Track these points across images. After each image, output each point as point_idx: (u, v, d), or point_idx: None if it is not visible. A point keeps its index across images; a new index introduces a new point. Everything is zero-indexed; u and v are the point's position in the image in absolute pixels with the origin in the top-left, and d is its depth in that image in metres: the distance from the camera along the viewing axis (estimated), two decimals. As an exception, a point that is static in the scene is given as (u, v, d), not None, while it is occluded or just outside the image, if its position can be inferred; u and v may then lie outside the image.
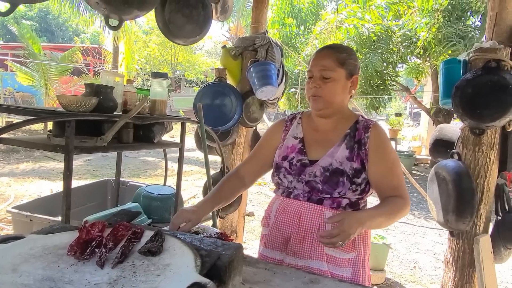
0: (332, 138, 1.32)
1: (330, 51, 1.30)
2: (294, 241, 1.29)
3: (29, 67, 10.17)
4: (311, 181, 1.28)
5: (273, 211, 1.39)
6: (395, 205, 1.25)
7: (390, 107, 20.65)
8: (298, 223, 1.29)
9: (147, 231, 1.01)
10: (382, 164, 1.27)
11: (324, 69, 1.26)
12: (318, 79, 1.27)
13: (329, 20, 7.63)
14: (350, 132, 1.31)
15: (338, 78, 1.27)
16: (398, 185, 1.29)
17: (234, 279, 0.94)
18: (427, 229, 4.96)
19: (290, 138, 1.38)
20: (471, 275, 2.11)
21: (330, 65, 1.26)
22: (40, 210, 2.21)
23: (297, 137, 1.37)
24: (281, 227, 1.33)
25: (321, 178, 1.26)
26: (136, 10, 1.60)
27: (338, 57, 1.27)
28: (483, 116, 1.93)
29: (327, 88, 1.27)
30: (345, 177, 1.24)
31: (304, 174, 1.29)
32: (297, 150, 1.34)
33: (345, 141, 1.30)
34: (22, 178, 5.92)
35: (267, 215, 1.43)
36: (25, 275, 0.80)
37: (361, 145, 1.28)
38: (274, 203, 1.41)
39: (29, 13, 26.69)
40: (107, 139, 1.39)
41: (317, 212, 1.27)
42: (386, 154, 1.29)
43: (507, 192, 2.21)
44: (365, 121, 1.34)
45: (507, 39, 2.02)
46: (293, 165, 1.32)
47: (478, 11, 6.72)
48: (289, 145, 1.36)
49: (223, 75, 2.80)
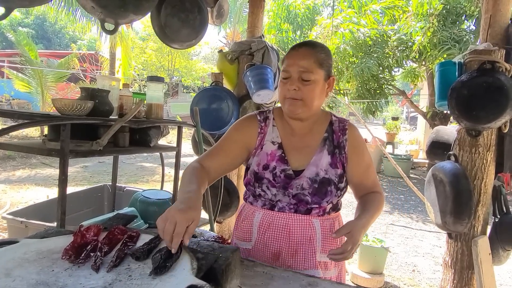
0: (310, 143, 1.26)
1: (309, 50, 1.19)
2: (285, 256, 1.24)
3: (25, 74, 10.14)
4: (299, 194, 1.22)
5: (254, 225, 1.28)
6: (378, 203, 1.26)
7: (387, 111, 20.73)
8: (288, 237, 1.23)
9: (143, 235, 1.00)
10: (360, 165, 1.28)
11: (303, 71, 1.16)
12: (297, 81, 1.17)
13: (325, 25, 7.67)
14: (328, 136, 1.27)
15: (318, 80, 1.18)
16: (374, 182, 1.31)
17: (232, 283, 0.93)
18: (425, 232, 4.95)
19: (268, 143, 1.26)
20: (470, 277, 2.11)
21: (310, 66, 1.16)
22: (36, 216, 2.19)
23: (275, 142, 1.26)
24: (269, 243, 1.25)
25: (309, 191, 1.21)
26: (132, 14, 1.60)
27: (318, 58, 1.18)
28: (479, 117, 1.94)
29: (306, 91, 1.17)
30: (332, 186, 1.22)
31: (291, 187, 1.21)
32: (277, 158, 1.24)
33: (325, 147, 1.25)
34: (18, 185, 5.87)
35: (246, 229, 1.30)
36: (19, 280, 0.78)
37: (340, 149, 1.26)
38: (254, 216, 1.28)
39: (25, 20, 26.72)
40: (103, 143, 1.38)
41: (307, 222, 1.24)
42: (364, 154, 1.29)
43: (504, 193, 2.21)
44: (339, 121, 1.30)
45: (501, 40, 2.04)
46: (277, 176, 1.22)
47: (472, 15, 6.77)
48: (268, 151, 1.25)
49: (220, 79, 2.80)
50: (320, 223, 1.25)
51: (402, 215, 5.65)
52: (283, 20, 9.43)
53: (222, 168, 1.27)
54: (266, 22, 9.15)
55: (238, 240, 1.32)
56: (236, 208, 2.83)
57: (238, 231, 1.33)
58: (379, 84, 7.81)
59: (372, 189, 1.30)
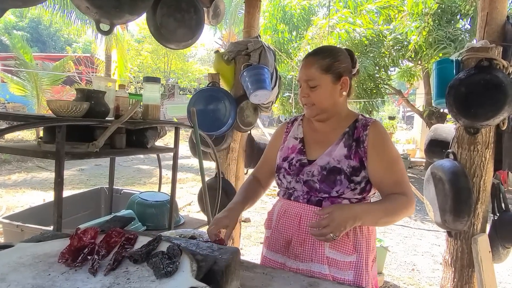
0: (331, 138, 1.32)
1: (313, 59, 1.30)
2: (295, 244, 1.29)
3: (20, 77, 10.09)
4: (309, 180, 1.27)
5: (275, 213, 1.39)
6: (396, 202, 1.20)
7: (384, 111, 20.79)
8: (298, 225, 1.28)
9: (141, 237, 0.99)
10: (381, 161, 1.24)
11: (308, 79, 1.28)
12: (306, 88, 1.29)
13: (321, 25, 7.69)
14: (348, 130, 1.31)
15: (324, 84, 1.27)
16: (399, 181, 1.24)
17: (232, 284, 0.91)
18: (424, 231, 4.96)
19: (291, 139, 1.40)
20: (470, 275, 2.10)
21: (314, 74, 1.27)
22: (32, 220, 2.16)
23: (297, 137, 1.39)
24: (282, 230, 1.33)
25: (318, 177, 1.25)
26: (127, 14, 1.58)
27: (322, 64, 1.27)
28: (477, 115, 1.93)
29: (315, 96, 1.28)
30: (342, 175, 1.23)
31: (302, 173, 1.29)
32: (297, 151, 1.35)
33: (343, 140, 1.29)
34: (14, 189, 5.83)
35: (269, 217, 1.43)
36: (14, 285, 0.77)
37: (359, 143, 1.27)
38: (277, 205, 1.41)
39: (20, 24, 26.58)
40: (99, 145, 1.37)
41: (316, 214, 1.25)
42: (386, 150, 1.26)
43: (503, 191, 2.21)
44: (365, 119, 1.33)
45: (498, 38, 2.04)
46: (292, 165, 1.33)
47: (467, 14, 6.81)
48: (290, 145, 1.38)
49: (217, 80, 2.79)
50: None
51: (400, 214, 5.65)
52: (279, 20, 9.44)
53: (268, 176, 1.48)
54: (262, 23, 9.16)
55: (265, 229, 1.45)
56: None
57: (266, 220, 1.46)
58: (376, 83, 7.84)
59: (397, 189, 1.23)
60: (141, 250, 0.89)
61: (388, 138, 1.31)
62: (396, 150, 1.31)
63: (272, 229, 1.39)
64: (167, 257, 0.84)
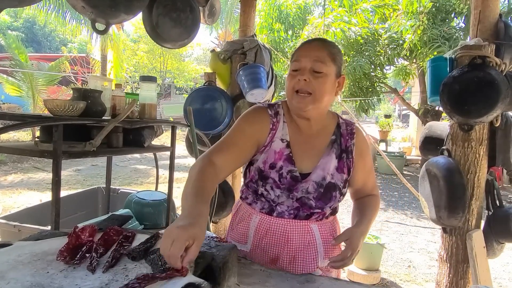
0: (317, 145, 1.22)
1: (322, 43, 1.17)
2: (284, 261, 1.22)
3: (16, 78, 10.02)
4: (303, 197, 1.19)
5: (251, 229, 1.23)
6: (374, 206, 1.29)
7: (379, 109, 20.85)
8: (286, 243, 1.20)
9: (139, 235, 0.99)
10: (365, 169, 1.28)
11: (317, 61, 1.11)
12: (308, 72, 1.11)
13: (316, 24, 7.69)
14: (335, 138, 1.24)
15: (330, 74, 1.13)
16: (373, 185, 1.33)
17: (229, 280, 0.92)
18: (419, 228, 4.98)
19: (278, 140, 1.19)
20: (465, 270, 2.12)
21: (324, 57, 1.12)
22: (29, 220, 2.16)
23: (284, 139, 1.20)
24: (267, 248, 1.21)
25: (314, 195, 1.18)
26: (123, 13, 1.59)
27: (331, 52, 1.15)
28: (471, 112, 1.95)
29: (317, 84, 1.11)
30: (337, 191, 1.21)
31: (296, 190, 1.18)
32: (285, 157, 1.18)
33: (333, 150, 1.22)
34: (10, 189, 5.80)
35: (242, 231, 1.26)
36: (13, 282, 0.77)
37: (348, 153, 1.24)
38: (251, 219, 1.24)
39: (15, 24, 26.41)
40: (96, 144, 1.37)
41: (305, 228, 1.21)
42: (367, 158, 1.29)
43: (497, 187, 2.23)
44: (346, 123, 1.27)
45: (491, 36, 2.06)
46: (283, 177, 1.17)
47: (461, 12, 6.85)
48: (277, 149, 1.19)
49: (213, 79, 2.79)
50: (318, 228, 1.23)
51: (396, 212, 5.69)
52: (274, 20, 9.44)
53: (234, 165, 1.17)
54: (257, 22, 9.16)
55: (234, 241, 1.28)
56: (231, 208, 2.82)
57: (234, 232, 1.29)
58: (371, 82, 7.86)
59: (371, 191, 1.32)
60: (139, 247, 0.90)
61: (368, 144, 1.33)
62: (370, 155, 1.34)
63: (251, 245, 1.24)
64: None
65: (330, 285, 1.11)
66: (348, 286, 1.13)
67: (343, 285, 1.11)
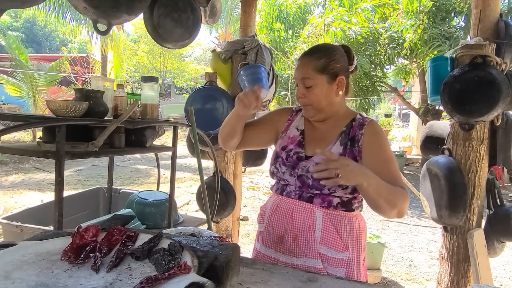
0: (329, 137, 1.32)
1: (308, 59, 1.29)
2: (288, 240, 1.30)
3: (16, 78, 10.03)
4: (303, 175, 1.28)
5: (267, 208, 1.40)
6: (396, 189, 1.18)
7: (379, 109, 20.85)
8: (290, 221, 1.30)
9: (142, 234, 1.00)
10: (376, 160, 1.23)
11: (304, 78, 1.27)
12: (302, 88, 1.29)
13: (317, 24, 7.70)
14: (345, 129, 1.31)
15: (320, 84, 1.26)
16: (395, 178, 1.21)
17: (232, 280, 0.93)
18: (420, 227, 4.99)
19: (293, 128, 1.40)
20: (466, 269, 2.13)
21: (309, 74, 1.26)
22: (31, 220, 2.17)
23: (299, 128, 1.39)
24: (275, 225, 1.34)
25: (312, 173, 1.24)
26: (125, 14, 1.59)
27: (316, 64, 1.26)
28: (472, 111, 1.96)
29: (311, 96, 1.27)
30: None
31: (297, 168, 1.30)
32: (296, 142, 1.35)
33: (339, 139, 1.30)
34: (11, 190, 5.81)
35: (262, 211, 1.44)
36: (18, 282, 0.78)
37: (354, 142, 1.28)
38: (270, 200, 1.42)
39: (15, 24, 26.41)
40: (98, 144, 1.38)
41: (308, 210, 1.28)
42: (381, 149, 1.26)
43: (498, 186, 2.24)
44: (362, 118, 1.33)
45: (491, 35, 2.07)
46: (290, 156, 1.33)
47: (461, 11, 6.85)
48: (291, 135, 1.38)
49: (214, 79, 2.80)
50: (322, 215, 1.26)
51: (397, 211, 5.68)
52: (274, 19, 9.45)
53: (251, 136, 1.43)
54: (257, 22, 9.17)
55: (258, 223, 1.45)
56: (232, 208, 2.82)
57: (259, 214, 1.46)
58: (372, 81, 7.87)
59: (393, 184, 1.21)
60: (142, 247, 0.91)
61: (384, 137, 1.30)
62: (391, 151, 1.30)
63: (264, 224, 1.40)
64: (169, 253, 0.85)
65: (332, 284, 1.11)
66: (350, 285, 1.13)
67: (345, 284, 1.12)
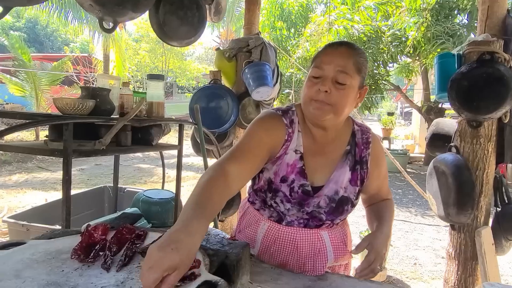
0: (331, 156, 1.16)
1: (350, 50, 1.05)
2: (293, 267, 1.19)
3: (19, 78, 10.05)
4: (314, 211, 1.15)
5: (259, 235, 1.20)
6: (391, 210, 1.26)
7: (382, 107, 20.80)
8: (295, 251, 1.17)
9: (151, 233, 0.99)
10: (380, 177, 1.24)
11: (341, 71, 1.02)
12: (330, 82, 1.02)
13: (319, 22, 7.67)
14: (350, 149, 1.18)
15: (353, 86, 1.04)
16: (388, 190, 1.30)
17: (243, 278, 0.92)
18: (424, 225, 4.97)
19: (291, 152, 1.12)
20: (474, 268, 2.11)
21: (349, 68, 1.02)
22: (36, 219, 2.17)
23: (298, 151, 1.13)
24: (275, 255, 1.19)
25: (326, 209, 1.15)
26: (131, 11, 1.58)
27: (358, 61, 1.04)
28: (480, 108, 1.94)
29: (339, 97, 1.02)
30: (349, 205, 1.17)
31: (307, 205, 1.14)
32: (297, 171, 1.12)
33: (347, 161, 1.16)
34: (15, 189, 5.82)
35: (250, 236, 1.22)
36: (29, 281, 0.77)
37: (362, 163, 1.18)
38: (259, 226, 1.20)
39: (17, 24, 26.46)
40: (105, 142, 1.37)
41: (315, 235, 1.18)
42: (383, 165, 1.24)
43: (506, 184, 2.22)
44: (361, 131, 1.21)
45: (499, 31, 2.04)
46: (294, 192, 1.12)
47: (465, 9, 6.81)
48: (290, 162, 1.12)
49: (218, 77, 2.79)
50: (328, 235, 1.20)
51: (401, 210, 5.67)
52: (276, 18, 9.43)
53: (248, 176, 1.07)
54: (260, 20, 9.15)
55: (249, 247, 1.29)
56: (237, 206, 2.82)
57: (241, 235, 1.26)
58: (374, 79, 7.83)
59: (386, 197, 1.29)
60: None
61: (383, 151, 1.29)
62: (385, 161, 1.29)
63: (258, 251, 1.21)
64: None
65: (342, 282, 1.11)
66: (359, 283, 1.12)
67: (355, 282, 1.11)
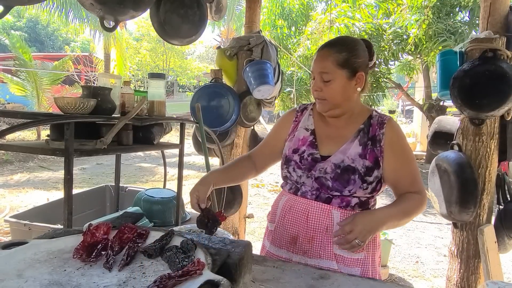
0: (344, 134, 1.27)
1: (329, 51, 1.22)
2: (302, 241, 1.26)
3: (20, 77, 10.06)
4: (321, 177, 1.23)
5: (279, 207, 1.35)
6: (411, 201, 1.21)
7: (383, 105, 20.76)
8: (306, 222, 1.25)
9: (153, 232, 0.99)
10: (398, 161, 1.23)
11: (323, 72, 1.21)
12: (319, 82, 1.23)
13: (320, 20, 7.66)
14: (363, 127, 1.26)
15: (339, 79, 1.20)
16: (414, 181, 1.24)
17: (245, 277, 0.92)
18: (426, 224, 4.97)
19: (301, 129, 1.34)
20: (476, 266, 2.11)
21: (329, 67, 1.20)
22: (38, 219, 2.17)
23: (308, 129, 1.33)
24: (288, 226, 1.29)
25: (331, 175, 1.21)
26: (132, 10, 1.57)
27: (337, 58, 1.20)
28: (482, 105, 1.93)
29: (328, 91, 1.22)
30: (356, 175, 1.20)
31: (314, 169, 1.25)
32: (308, 143, 1.29)
33: (358, 137, 1.25)
34: (17, 189, 5.84)
35: (273, 210, 1.39)
36: (31, 281, 0.77)
37: (375, 142, 1.23)
38: (281, 199, 1.36)
39: (18, 23, 26.45)
40: (107, 141, 1.37)
41: (325, 211, 1.23)
42: (403, 150, 1.25)
43: (508, 181, 2.21)
44: (379, 116, 1.29)
45: (501, 28, 2.04)
46: (304, 159, 1.27)
47: (466, 6, 6.79)
48: (300, 137, 1.32)
49: (219, 76, 2.78)
50: (340, 215, 1.23)
51: (403, 208, 5.66)
52: (277, 16, 9.41)
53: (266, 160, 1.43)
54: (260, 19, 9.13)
55: (268, 222, 1.41)
56: (239, 205, 2.81)
57: (270, 213, 1.42)
58: (376, 77, 7.82)
59: (412, 188, 1.24)
60: (154, 245, 0.90)
61: (404, 136, 1.29)
62: (411, 149, 1.29)
63: (276, 223, 1.35)
64: (182, 251, 0.84)
65: (345, 281, 1.10)
66: (362, 282, 1.12)
67: (357, 281, 1.11)
